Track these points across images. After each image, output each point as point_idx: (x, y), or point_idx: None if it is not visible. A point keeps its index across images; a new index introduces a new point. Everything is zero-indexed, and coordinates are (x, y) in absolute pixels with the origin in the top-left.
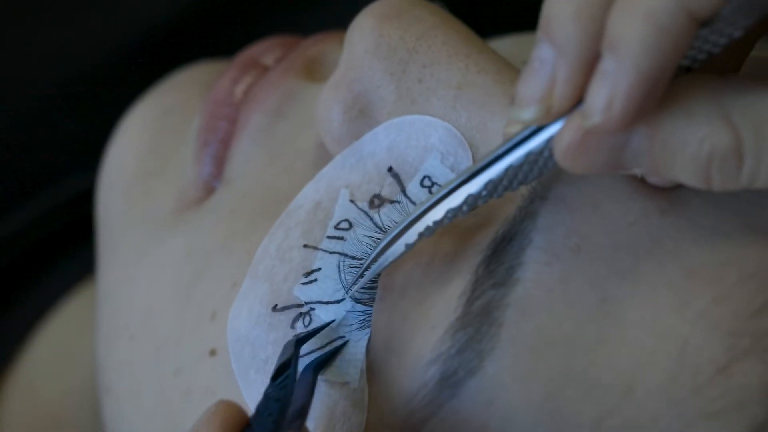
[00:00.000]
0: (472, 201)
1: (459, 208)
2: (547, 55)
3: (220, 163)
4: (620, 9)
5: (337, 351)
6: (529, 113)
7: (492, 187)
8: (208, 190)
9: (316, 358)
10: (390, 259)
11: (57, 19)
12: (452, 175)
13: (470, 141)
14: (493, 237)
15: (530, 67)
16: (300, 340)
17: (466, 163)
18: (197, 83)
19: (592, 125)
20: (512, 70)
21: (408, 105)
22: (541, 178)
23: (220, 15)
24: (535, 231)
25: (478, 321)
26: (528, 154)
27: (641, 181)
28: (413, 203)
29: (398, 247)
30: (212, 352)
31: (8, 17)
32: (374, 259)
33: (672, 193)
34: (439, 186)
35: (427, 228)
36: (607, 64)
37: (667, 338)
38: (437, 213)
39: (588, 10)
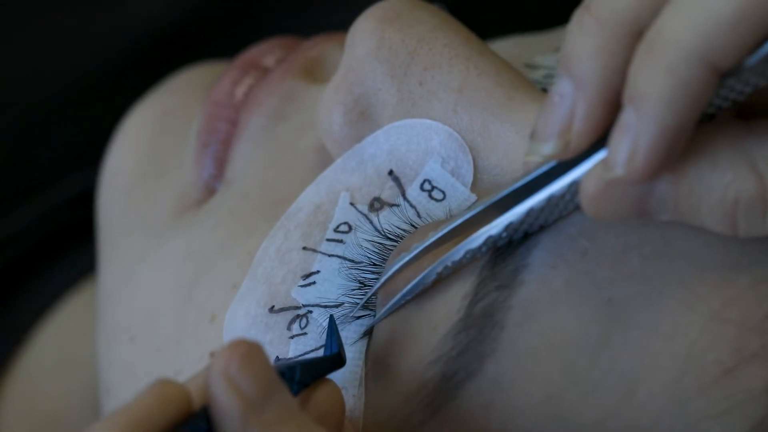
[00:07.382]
0: (491, 242)
1: (478, 248)
2: (566, 90)
3: (220, 164)
4: (641, 61)
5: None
6: (548, 147)
7: (512, 230)
8: (209, 191)
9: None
10: (402, 301)
11: (58, 21)
12: (452, 179)
13: (471, 144)
14: None
15: (550, 101)
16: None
17: (467, 167)
18: (197, 85)
19: (615, 177)
20: (513, 72)
21: (409, 108)
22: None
23: (220, 17)
24: (543, 232)
25: (480, 323)
26: (550, 198)
27: None
28: (413, 207)
29: (416, 287)
30: (212, 355)
31: (9, 19)
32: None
33: None
34: (440, 190)
35: (446, 268)
36: (629, 118)
37: (673, 339)
38: (456, 254)
39: (608, 46)
